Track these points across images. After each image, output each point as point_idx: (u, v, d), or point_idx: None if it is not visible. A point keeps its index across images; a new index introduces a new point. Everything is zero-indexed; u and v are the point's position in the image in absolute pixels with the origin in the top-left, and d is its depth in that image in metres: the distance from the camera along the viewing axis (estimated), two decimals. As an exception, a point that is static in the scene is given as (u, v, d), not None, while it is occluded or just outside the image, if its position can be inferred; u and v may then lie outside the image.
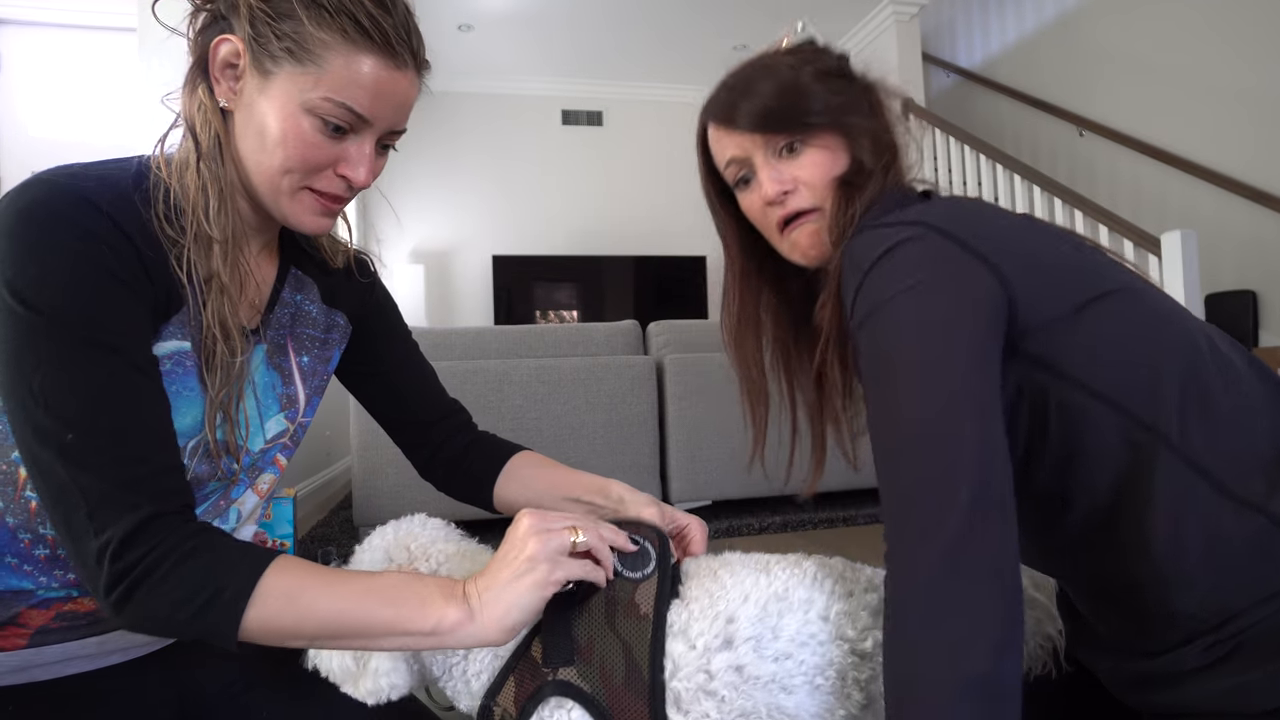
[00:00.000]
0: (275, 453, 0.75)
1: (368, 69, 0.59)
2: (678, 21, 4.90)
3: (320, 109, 0.59)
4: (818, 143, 0.69)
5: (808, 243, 0.71)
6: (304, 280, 0.77)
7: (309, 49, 0.57)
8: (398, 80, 0.61)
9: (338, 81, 0.58)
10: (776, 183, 0.70)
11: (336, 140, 0.61)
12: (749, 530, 2.80)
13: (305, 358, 0.76)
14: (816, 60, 0.72)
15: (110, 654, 0.69)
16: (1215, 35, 3.59)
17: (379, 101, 0.60)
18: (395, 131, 0.65)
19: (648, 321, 3.17)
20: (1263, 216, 3.37)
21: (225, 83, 0.61)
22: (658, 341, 3.01)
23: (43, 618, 0.64)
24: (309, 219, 0.64)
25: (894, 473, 0.56)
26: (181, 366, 0.61)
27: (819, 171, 0.69)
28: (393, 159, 0.70)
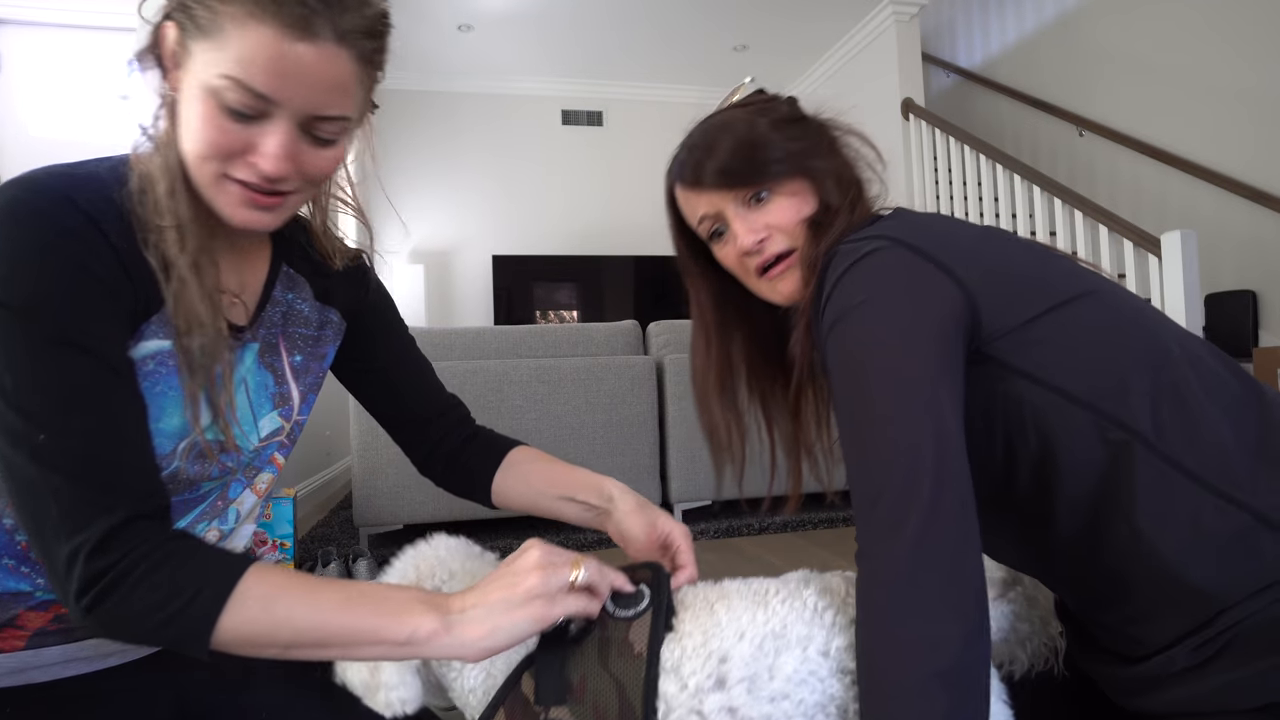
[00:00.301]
0: (272, 451, 0.74)
1: (264, 40, 0.52)
2: (678, 21, 4.90)
3: (219, 88, 0.53)
4: (784, 190, 0.73)
5: (789, 287, 0.74)
6: (295, 278, 0.75)
7: (214, 24, 0.53)
8: (305, 54, 0.53)
9: (235, 57, 0.53)
10: (751, 233, 0.73)
11: (243, 124, 0.55)
12: (749, 530, 2.79)
13: (298, 356, 0.75)
14: (770, 110, 0.76)
15: (109, 655, 0.68)
16: (1215, 35, 3.59)
17: (282, 80, 0.53)
18: (323, 117, 0.57)
19: (648, 321, 3.17)
20: (1263, 216, 3.37)
21: (173, 70, 0.58)
22: (658, 341, 3.01)
23: (41, 619, 0.63)
24: (237, 211, 0.59)
25: (860, 474, 0.58)
26: (164, 366, 0.60)
27: (789, 215, 0.73)
28: (393, 159, 0.68)
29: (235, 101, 0.54)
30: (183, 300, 0.59)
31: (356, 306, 0.82)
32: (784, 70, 5.79)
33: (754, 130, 0.73)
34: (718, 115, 0.78)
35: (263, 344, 0.71)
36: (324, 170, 0.61)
